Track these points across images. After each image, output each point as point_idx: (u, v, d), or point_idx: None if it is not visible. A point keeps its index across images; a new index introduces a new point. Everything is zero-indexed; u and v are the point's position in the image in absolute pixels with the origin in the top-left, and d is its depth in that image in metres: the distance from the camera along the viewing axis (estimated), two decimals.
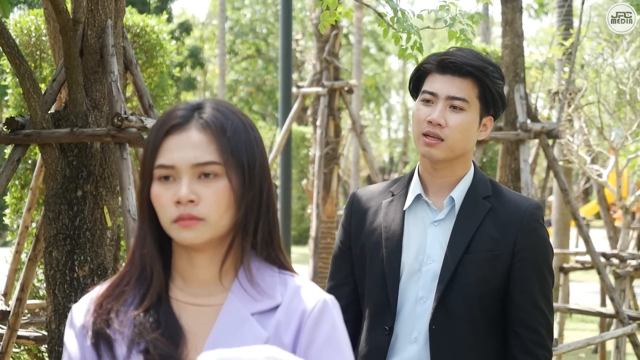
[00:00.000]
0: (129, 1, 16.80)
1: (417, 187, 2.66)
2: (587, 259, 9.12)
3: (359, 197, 2.78)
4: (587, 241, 6.52)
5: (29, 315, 5.92)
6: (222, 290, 1.76)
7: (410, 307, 2.59)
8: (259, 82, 33.85)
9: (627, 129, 8.89)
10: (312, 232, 9.84)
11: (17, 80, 4.42)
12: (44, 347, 5.86)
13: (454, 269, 2.55)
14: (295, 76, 28.47)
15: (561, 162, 10.07)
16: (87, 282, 4.02)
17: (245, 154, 1.71)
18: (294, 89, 10.45)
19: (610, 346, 8.69)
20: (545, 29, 30.76)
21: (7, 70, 6.95)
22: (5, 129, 4.10)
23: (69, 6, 4.24)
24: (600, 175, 9.40)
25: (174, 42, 7.93)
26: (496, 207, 2.61)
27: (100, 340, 1.71)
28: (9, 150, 4.32)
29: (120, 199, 4.11)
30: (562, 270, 9.47)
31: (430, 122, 2.57)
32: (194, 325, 1.72)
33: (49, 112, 4.10)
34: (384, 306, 2.62)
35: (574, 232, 16.41)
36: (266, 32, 34.38)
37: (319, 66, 10.28)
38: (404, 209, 2.66)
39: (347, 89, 10.14)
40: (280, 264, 1.79)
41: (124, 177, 3.95)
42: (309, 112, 11.26)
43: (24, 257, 5.67)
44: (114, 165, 4.13)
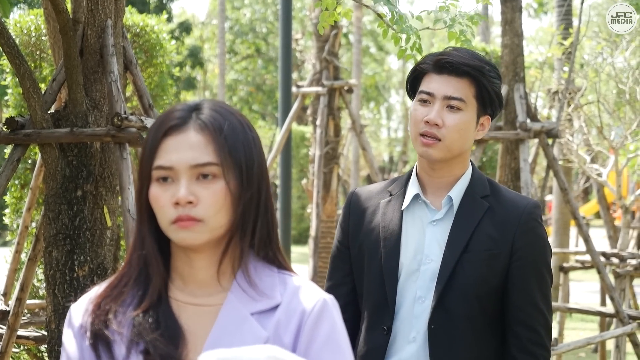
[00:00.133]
0: (129, 1, 16.80)
1: (415, 187, 2.66)
2: (587, 258, 9.11)
3: (357, 197, 2.77)
4: (587, 240, 6.51)
5: (29, 315, 5.92)
6: (222, 290, 1.75)
7: (408, 306, 2.59)
8: (259, 82, 33.82)
9: (626, 128, 8.89)
10: (312, 232, 9.83)
11: (17, 80, 4.42)
12: (43, 347, 5.86)
13: (452, 268, 2.54)
14: (295, 76, 28.45)
15: (561, 162, 10.06)
16: (86, 282, 4.02)
17: (243, 154, 1.71)
18: (294, 89, 10.44)
19: (610, 345, 8.68)
20: (544, 29, 30.76)
21: (7, 70, 6.94)
22: (5, 129, 4.10)
23: (69, 6, 4.24)
24: (600, 174, 9.40)
25: (173, 42, 7.92)
26: (494, 207, 2.61)
27: (98, 341, 1.71)
28: (8, 150, 4.31)
29: (120, 198, 4.11)
30: (562, 269, 9.46)
31: (427, 122, 2.57)
32: (194, 325, 1.72)
33: (49, 112, 4.10)
34: (382, 306, 2.62)
35: (573, 231, 16.40)
36: (266, 32, 34.37)
37: (319, 66, 10.28)
38: (402, 208, 2.66)
39: (346, 88, 10.13)
40: (279, 263, 1.79)
41: (123, 177, 3.95)
42: (309, 111, 11.26)
43: (24, 257, 5.67)
44: (113, 165, 4.13)
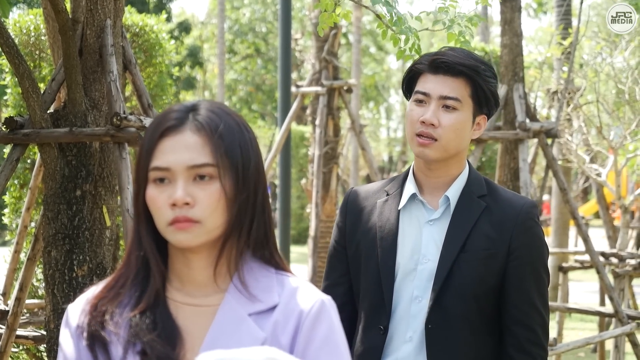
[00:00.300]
0: (128, 1, 16.79)
1: (411, 187, 2.66)
2: (586, 258, 9.10)
3: (353, 197, 2.77)
4: (586, 240, 6.52)
5: (28, 314, 5.92)
6: (219, 291, 1.75)
7: (405, 306, 2.59)
8: (258, 82, 33.82)
9: (626, 128, 8.89)
10: (311, 232, 9.84)
11: (16, 79, 4.42)
12: (42, 347, 5.86)
13: (449, 268, 2.55)
14: (294, 75, 28.45)
15: (560, 162, 10.07)
16: (85, 281, 4.02)
17: (239, 155, 1.71)
18: (293, 88, 10.44)
19: (609, 345, 8.68)
20: (544, 29, 30.76)
21: (6, 69, 6.94)
22: (4, 129, 4.10)
23: (68, 6, 4.24)
24: (599, 174, 9.40)
25: (173, 42, 7.92)
26: (491, 206, 2.61)
27: (95, 341, 1.71)
28: (8, 149, 4.31)
29: (119, 198, 4.11)
30: (561, 269, 9.46)
31: (423, 122, 2.57)
32: (191, 325, 1.72)
33: (48, 111, 4.10)
34: (379, 306, 2.62)
35: (573, 231, 16.39)
36: (265, 32, 34.36)
37: (318, 65, 10.28)
38: (398, 208, 2.66)
39: (346, 88, 10.14)
40: (276, 264, 1.78)
41: (122, 177, 3.95)
42: (308, 111, 11.27)
43: (23, 257, 5.67)
44: (113, 164, 4.13)
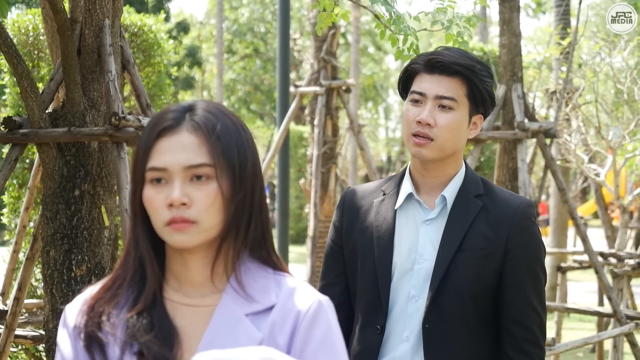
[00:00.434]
0: (127, 0, 16.78)
1: (408, 186, 2.66)
2: (585, 258, 9.11)
3: (350, 196, 2.77)
4: (585, 240, 6.52)
5: (27, 314, 5.92)
6: (216, 291, 1.75)
7: (401, 305, 2.59)
8: (257, 82, 33.82)
9: (624, 128, 8.90)
10: (310, 232, 9.84)
11: (15, 79, 4.42)
12: (41, 347, 5.86)
13: (446, 267, 2.55)
14: (293, 75, 28.46)
15: (559, 162, 10.07)
16: (84, 281, 4.02)
17: (236, 155, 1.71)
18: (292, 88, 10.44)
19: (607, 345, 8.68)
20: (542, 28, 30.77)
21: (5, 69, 6.95)
22: (2, 129, 4.10)
23: (67, 6, 4.24)
24: (597, 174, 9.41)
25: (171, 42, 7.92)
26: (488, 206, 2.61)
27: (92, 342, 1.71)
28: (6, 149, 4.31)
29: (117, 198, 4.11)
30: (560, 269, 9.46)
31: (419, 122, 2.57)
32: (188, 326, 1.72)
33: (47, 111, 4.10)
34: (375, 305, 2.62)
35: (571, 231, 16.40)
36: (264, 32, 34.36)
37: (317, 65, 10.28)
38: (395, 208, 2.65)
39: (344, 88, 10.13)
40: (273, 264, 1.78)
41: (121, 177, 3.95)
42: (307, 111, 11.26)
43: (22, 257, 5.67)
44: (111, 164, 4.13)
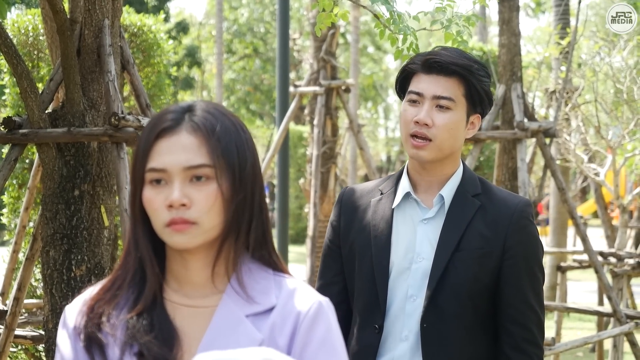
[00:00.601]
0: (127, 1, 16.76)
1: (406, 185, 2.66)
2: (585, 257, 9.11)
3: (348, 196, 2.77)
4: (585, 240, 6.52)
5: (26, 314, 5.92)
6: (217, 292, 1.74)
7: (399, 305, 2.59)
8: (257, 82, 33.80)
9: (624, 127, 8.90)
10: (310, 231, 9.84)
11: (15, 79, 4.42)
12: (41, 347, 5.86)
13: (444, 266, 2.55)
14: (292, 75, 28.45)
15: (558, 161, 10.08)
16: (84, 281, 4.02)
17: (236, 155, 1.71)
18: (292, 88, 10.44)
19: (607, 345, 8.68)
20: (542, 28, 30.77)
21: (5, 69, 6.95)
22: (2, 129, 4.10)
23: (66, 6, 4.24)
24: (597, 174, 9.41)
25: (171, 42, 7.93)
26: (486, 205, 2.61)
27: (92, 343, 1.70)
28: (6, 149, 4.31)
29: (117, 198, 4.11)
30: (560, 269, 9.46)
31: (417, 122, 2.57)
32: (188, 326, 1.71)
33: (46, 111, 4.10)
34: (373, 304, 2.62)
35: (571, 231, 16.40)
36: (264, 32, 34.34)
37: (316, 65, 10.28)
38: (392, 207, 2.66)
39: (344, 88, 10.13)
40: (274, 265, 1.78)
41: (121, 177, 3.95)
42: (307, 111, 11.26)
43: (22, 257, 5.67)
44: (111, 164, 4.13)
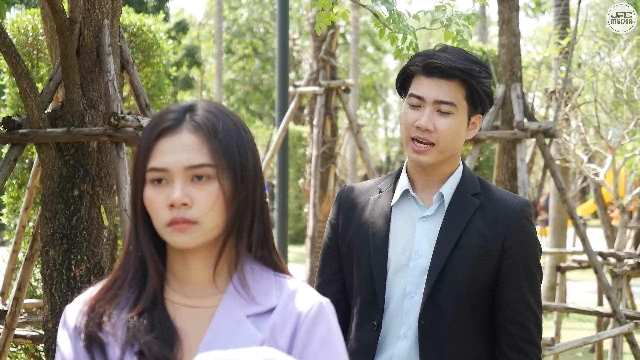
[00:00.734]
0: (126, 0, 16.78)
1: (404, 183, 2.67)
2: (584, 258, 9.11)
3: (346, 194, 2.78)
4: (584, 240, 6.52)
5: (26, 314, 5.92)
6: (217, 292, 1.74)
7: (397, 302, 2.60)
8: (256, 82, 33.81)
9: (624, 128, 8.89)
10: (309, 232, 9.84)
11: (14, 79, 4.42)
12: (41, 347, 5.86)
13: (443, 264, 2.55)
14: (292, 75, 28.45)
15: (558, 161, 10.07)
16: (83, 281, 4.02)
17: (237, 155, 1.71)
18: (291, 88, 10.44)
19: (607, 345, 8.68)
20: (542, 28, 30.77)
21: (4, 69, 6.95)
22: (2, 129, 4.10)
23: (66, 6, 4.24)
24: (597, 174, 9.41)
25: (170, 42, 7.92)
26: (485, 204, 2.62)
27: (92, 342, 1.70)
28: (5, 149, 4.31)
29: (117, 198, 4.11)
30: (559, 269, 9.45)
31: (418, 127, 2.57)
32: (189, 327, 1.71)
33: (46, 111, 4.10)
34: (371, 302, 2.62)
35: (571, 231, 16.40)
36: (263, 32, 34.35)
37: (316, 65, 10.27)
38: (391, 204, 2.66)
39: (343, 88, 10.13)
40: (275, 265, 1.78)
41: (120, 177, 3.95)
42: (306, 111, 11.25)
43: (21, 257, 5.67)
44: (110, 164, 4.13)
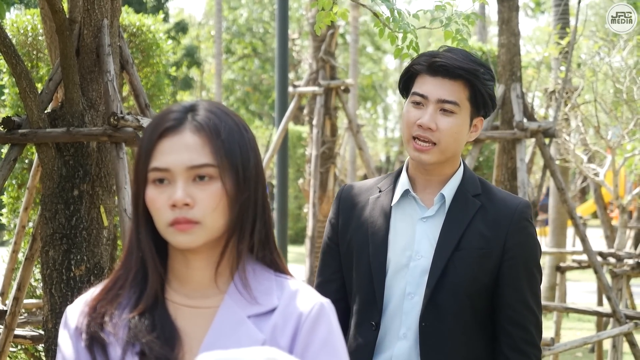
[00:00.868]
0: (126, 0, 16.79)
1: (405, 183, 2.66)
2: (584, 258, 9.10)
3: (346, 194, 2.77)
4: (584, 240, 6.52)
5: (26, 314, 5.92)
6: (218, 292, 1.74)
7: (397, 302, 2.59)
8: (256, 82, 33.81)
9: (623, 127, 8.89)
10: (309, 232, 9.84)
11: (14, 79, 4.42)
12: (40, 347, 5.86)
13: (444, 265, 2.55)
14: (291, 75, 28.44)
15: (558, 161, 10.07)
16: (83, 281, 4.02)
17: (239, 155, 1.70)
18: (291, 88, 10.43)
19: (607, 345, 8.68)
20: (541, 28, 30.77)
21: (4, 69, 6.95)
22: (1, 129, 4.10)
23: (65, 6, 4.23)
24: (597, 174, 9.41)
25: (170, 42, 7.92)
26: (486, 205, 2.61)
27: (93, 342, 1.70)
28: (5, 149, 4.31)
29: (116, 198, 4.10)
30: (559, 269, 9.45)
31: (420, 125, 2.57)
32: (190, 327, 1.71)
33: (46, 111, 4.10)
34: (370, 302, 2.62)
35: (571, 231, 16.40)
36: (263, 32, 34.35)
37: (315, 65, 10.27)
38: (391, 204, 2.66)
39: (343, 88, 10.12)
40: (276, 266, 1.78)
41: (120, 177, 3.95)
42: (306, 111, 11.25)
43: (21, 257, 5.67)
44: (110, 164, 4.13)
